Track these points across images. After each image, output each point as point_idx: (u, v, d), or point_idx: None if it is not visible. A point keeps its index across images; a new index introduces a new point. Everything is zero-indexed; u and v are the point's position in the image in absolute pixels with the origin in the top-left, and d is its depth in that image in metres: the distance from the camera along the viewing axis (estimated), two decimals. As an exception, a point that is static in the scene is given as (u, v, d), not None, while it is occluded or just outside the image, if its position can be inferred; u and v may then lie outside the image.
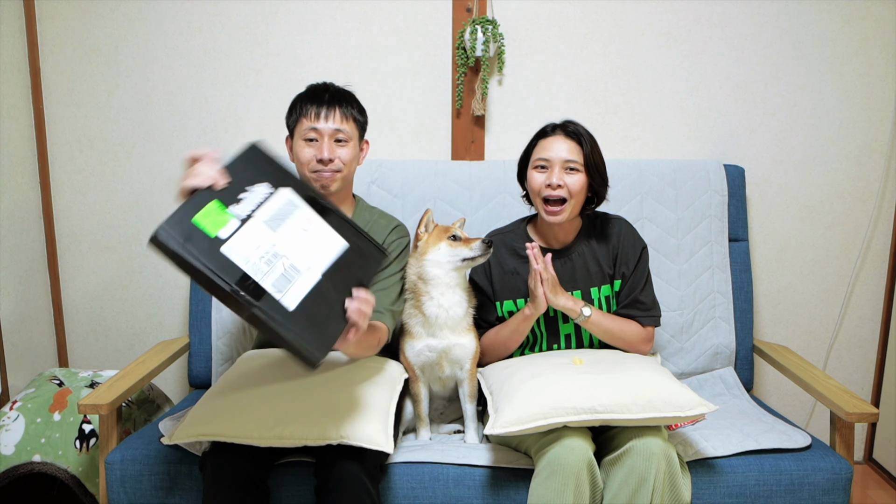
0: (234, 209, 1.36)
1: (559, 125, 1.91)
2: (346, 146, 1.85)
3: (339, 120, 1.83)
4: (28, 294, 2.40)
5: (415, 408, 1.93)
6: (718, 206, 2.29)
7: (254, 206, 1.39)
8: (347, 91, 1.90)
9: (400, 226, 1.97)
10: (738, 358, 2.27)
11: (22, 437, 1.97)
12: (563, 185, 1.85)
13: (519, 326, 1.90)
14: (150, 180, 2.46)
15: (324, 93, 1.86)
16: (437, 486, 1.71)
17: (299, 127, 1.85)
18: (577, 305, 1.86)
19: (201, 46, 2.38)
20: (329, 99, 1.84)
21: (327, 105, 1.83)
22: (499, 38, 2.34)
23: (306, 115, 1.83)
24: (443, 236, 1.86)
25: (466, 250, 1.83)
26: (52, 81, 2.40)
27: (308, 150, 1.83)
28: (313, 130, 1.82)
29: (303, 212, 1.45)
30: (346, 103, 1.86)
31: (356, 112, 1.88)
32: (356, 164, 1.91)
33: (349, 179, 1.91)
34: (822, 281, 2.52)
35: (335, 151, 1.83)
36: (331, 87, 1.89)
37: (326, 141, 1.82)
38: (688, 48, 2.39)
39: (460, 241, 1.85)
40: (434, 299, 1.84)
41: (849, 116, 2.43)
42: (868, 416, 1.78)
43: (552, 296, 1.83)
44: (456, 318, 1.86)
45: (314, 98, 1.85)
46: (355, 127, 1.87)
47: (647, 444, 1.60)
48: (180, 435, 1.62)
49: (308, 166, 1.84)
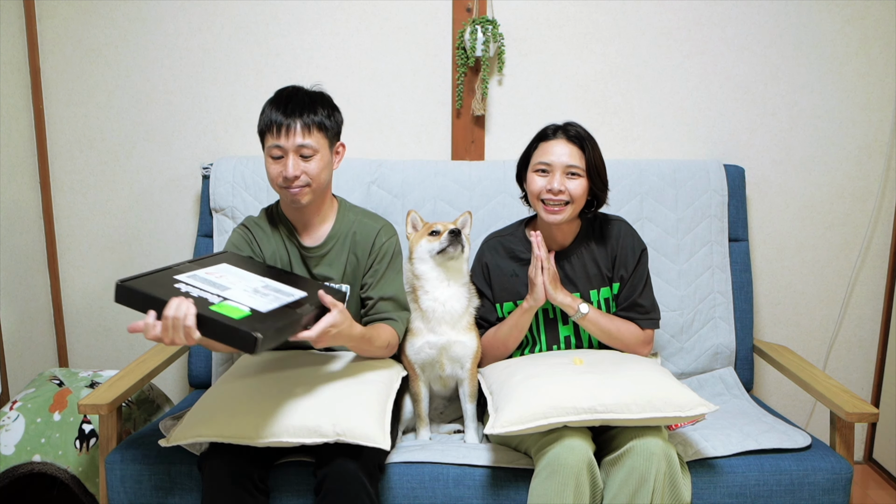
0: (231, 299, 1.56)
1: (560, 128, 1.90)
2: (312, 159, 1.75)
3: (300, 134, 1.73)
4: (28, 294, 2.40)
5: (415, 407, 1.93)
6: (718, 206, 2.29)
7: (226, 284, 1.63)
8: (314, 94, 1.80)
9: (386, 225, 1.91)
10: (738, 358, 2.27)
11: (22, 437, 1.97)
12: (565, 191, 1.84)
13: (518, 321, 1.90)
14: (150, 180, 2.46)
15: (287, 102, 1.76)
16: (437, 486, 1.71)
17: (266, 142, 1.78)
18: (574, 302, 1.86)
19: (201, 46, 2.38)
20: (291, 109, 1.74)
21: (290, 118, 1.73)
22: (499, 38, 2.34)
23: (269, 131, 1.75)
24: (425, 233, 1.89)
25: (436, 243, 1.85)
26: (52, 81, 2.40)
27: (275, 166, 1.76)
28: (277, 148, 1.74)
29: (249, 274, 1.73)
30: (309, 112, 1.75)
31: (324, 118, 1.77)
32: (328, 172, 1.81)
33: (322, 188, 1.81)
34: (822, 281, 2.52)
35: (300, 166, 1.74)
36: (294, 94, 1.78)
37: (291, 157, 1.74)
38: (688, 48, 2.39)
39: (438, 235, 1.87)
40: (429, 293, 1.86)
41: (849, 116, 2.43)
42: (868, 416, 1.78)
43: (552, 290, 1.83)
44: (453, 312, 1.86)
45: (277, 107, 1.75)
46: (322, 136, 1.76)
47: (647, 444, 1.60)
48: (178, 436, 1.63)
49: (276, 182, 1.78)
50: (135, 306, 1.50)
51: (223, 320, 1.44)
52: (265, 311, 1.52)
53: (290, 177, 1.74)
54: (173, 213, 2.47)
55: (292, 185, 1.76)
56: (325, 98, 1.81)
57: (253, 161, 2.29)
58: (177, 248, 2.48)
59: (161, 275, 1.59)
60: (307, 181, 1.76)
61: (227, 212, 2.26)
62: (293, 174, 1.74)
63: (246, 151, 2.41)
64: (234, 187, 2.26)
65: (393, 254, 1.88)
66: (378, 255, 1.86)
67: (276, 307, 1.55)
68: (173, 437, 1.64)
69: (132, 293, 1.50)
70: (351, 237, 1.87)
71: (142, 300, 1.49)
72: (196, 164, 2.43)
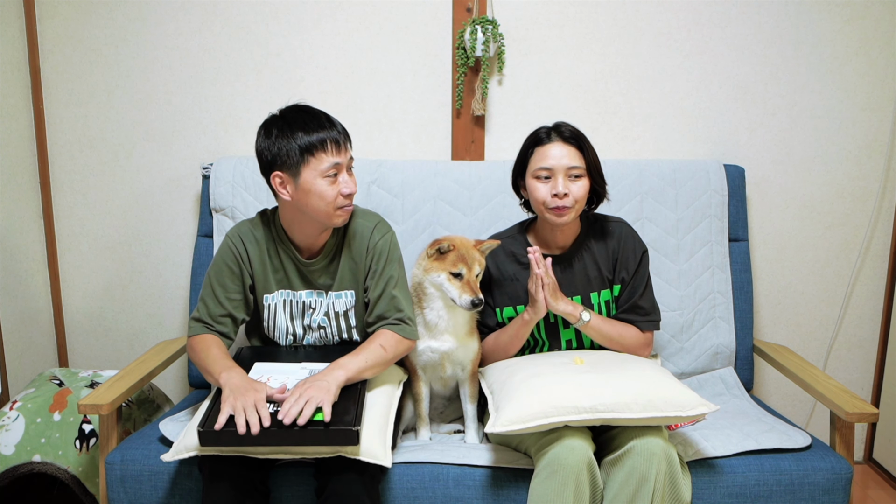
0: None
1: (553, 129, 1.88)
2: (353, 172, 1.78)
3: (348, 147, 1.74)
4: (28, 294, 2.40)
5: (415, 407, 1.93)
6: (718, 206, 2.29)
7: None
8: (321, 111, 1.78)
9: (380, 223, 1.86)
10: (738, 358, 2.27)
11: (22, 437, 1.97)
12: (569, 193, 1.83)
13: (518, 332, 1.89)
14: (150, 180, 2.46)
15: (316, 118, 1.71)
16: (437, 486, 1.71)
17: (311, 164, 1.67)
18: (576, 310, 1.85)
19: (201, 46, 2.38)
20: (329, 124, 1.71)
21: (334, 131, 1.70)
22: (499, 38, 2.34)
23: (321, 149, 1.67)
24: (448, 268, 1.80)
25: (456, 292, 1.79)
26: (52, 81, 2.40)
27: (332, 187, 1.70)
28: (335, 166, 1.69)
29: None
30: (339, 125, 1.74)
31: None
32: None
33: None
34: (822, 281, 2.52)
35: (355, 181, 1.75)
36: (312, 109, 1.75)
37: (345, 172, 1.73)
38: (688, 48, 2.39)
39: (459, 279, 1.79)
40: (434, 311, 1.85)
41: (849, 116, 2.43)
42: (868, 416, 1.78)
43: (553, 301, 1.81)
44: (457, 326, 1.86)
45: (312, 125, 1.69)
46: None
47: (647, 444, 1.60)
48: (180, 450, 1.62)
49: (336, 203, 1.71)
50: (224, 443, 1.55)
51: (318, 426, 1.54)
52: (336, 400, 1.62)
53: (354, 192, 1.73)
54: (173, 213, 2.47)
55: (348, 203, 1.74)
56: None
57: (253, 161, 2.26)
58: (177, 248, 2.48)
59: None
60: (352, 194, 1.76)
61: (228, 212, 2.26)
62: (356, 189, 1.74)
63: (246, 151, 2.41)
64: (234, 187, 2.26)
65: (389, 250, 1.84)
66: (374, 255, 1.83)
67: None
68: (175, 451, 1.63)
69: (218, 434, 1.53)
70: (346, 242, 1.84)
71: (226, 436, 1.54)
72: (196, 164, 2.43)
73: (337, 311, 1.87)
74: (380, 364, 1.74)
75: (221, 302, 1.81)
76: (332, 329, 1.88)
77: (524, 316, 1.86)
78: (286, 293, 1.86)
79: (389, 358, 1.76)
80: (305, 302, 1.86)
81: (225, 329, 1.81)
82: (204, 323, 1.80)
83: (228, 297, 1.81)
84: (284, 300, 1.86)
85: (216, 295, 1.81)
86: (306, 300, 1.86)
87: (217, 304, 1.81)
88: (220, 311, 1.81)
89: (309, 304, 1.86)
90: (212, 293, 1.81)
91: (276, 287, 1.85)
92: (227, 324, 1.82)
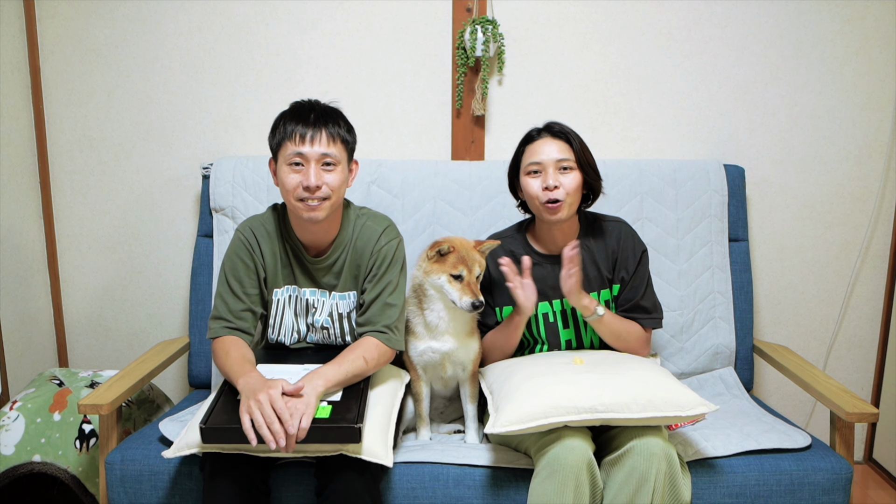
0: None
1: (543, 128, 1.91)
2: (333, 171, 1.71)
3: (325, 143, 1.69)
4: (28, 294, 2.40)
5: (416, 406, 1.93)
6: (718, 206, 2.29)
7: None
8: (334, 109, 1.77)
9: (389, 227, 1.85)
10: (738, 358, 2.27)
11: (22, 437, 1.97)
12: (560, 185, 1.85)
13: (510, 333, 1.91)
14: (150, 180, 2.46)
15: (309, 112, 1.72)
16: (437, 486, 1.71)
17: (283, 151, 1.71)
18: (592, 304, 1.86)
19: (201, 46, 2.38)
20: (315, 119, 1.70)
21: (313, 126, 1.69)
22: (499, 38, 2.34)
23: (290, 139, 1.69)
24: (448, 269, 1.79)
25: (456, 294, 1.78)
26: (52, 81, 2.40)
27: (293, 176, 1.69)
28: (298, 155, 1.68)
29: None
30: (333, 123, 1.72)
31: (344, 132, 1.74)
32: (345, 188, 1.77)
33: (337, 205, 1.77)
34: (822, 281, 2.52)
35: (322, 177, 1.69)
36: (316, 105, 1.75)
37: (313, 166, 1.68)
38: (688, 48, 2.39)
39: (460, 281, 1.79)
40: (434, 312, 1.85)
41: (849, 116, 2.43)
42: (868, 416, 1.78)
43: (576, 293, 1.82)
44: (457, 327, 1.86)
45: (298, 118, 1.70)
46: (343, 149, 1.74)
47: (647, 444, 1.60)
48: (182, 447, 1.62)
49: (294, 193, 1.70)
50: (227, 441, 1.56)
51: (320, 424, 1.55)
52: (339, 398, 1.65)
53: (311, 186, 1.68)
54: (173, 213, 2.47)
55: (312, 197, 1.69)
56: (343, 114, 1.79)
57: (253, 161, 2.29)
58: (177, 248, 2.48)
59: (225, 401, 1.64)
60: (328, 193, 1.70)
61: (228, 212, 2.26)
62: (315, 183, 1.68)
63: (246, 151, 2.41)
64: (234, 187, 2.26)
65: (393, 256, 1.82)
66: (377, 259, 1.81)
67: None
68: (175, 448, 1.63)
69: (220, 431, 1.55)
70: (354, 243, 1.83)
71: (229, 433, 1.55)
72: (196, 164, 2.43)
73: (340, 313, 1.86)
74: (359, 376, 1.72)
75: (239, 297, 1.79)
76: (334, 330, 1.88)
77: (513, 317, 1.88)
78: (292, 289, 1.86)
79: (370, 369, 1.74)
80: (309, 300, 1.86)
81: (245, 325, 1.79)
82: (224, 320, 1.78)
83: (245, 291, 1.79)
84: (290, 296, 1.86)
85: (233, 290, 1.79)
86: (310, 298, 1.86)
87: (235, 299, 1.79)
88: (239, 306, 1.79)
89: (312, 302, 1.86)
90: (228, 289, 1.79)
91: (284, 282, 1.85)
92: (247, 318, 1.79)
